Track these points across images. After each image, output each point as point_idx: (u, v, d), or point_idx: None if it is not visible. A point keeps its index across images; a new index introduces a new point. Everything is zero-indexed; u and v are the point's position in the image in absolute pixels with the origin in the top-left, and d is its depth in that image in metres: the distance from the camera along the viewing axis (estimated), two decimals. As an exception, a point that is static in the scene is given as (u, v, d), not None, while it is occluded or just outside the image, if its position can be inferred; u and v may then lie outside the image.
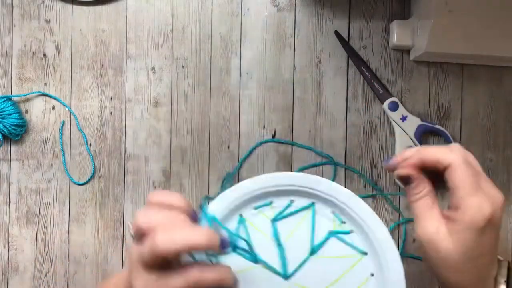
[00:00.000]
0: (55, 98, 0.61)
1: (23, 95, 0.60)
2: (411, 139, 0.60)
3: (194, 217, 0.39)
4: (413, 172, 0.42)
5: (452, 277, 0.42)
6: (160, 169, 0.61)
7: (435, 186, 0.43)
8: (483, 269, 0.42)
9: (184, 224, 0.37)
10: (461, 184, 0.41)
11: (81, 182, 0.61)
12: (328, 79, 0.61)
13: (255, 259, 0.43)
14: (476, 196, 0.41)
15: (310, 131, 0.61)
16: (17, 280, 0.61)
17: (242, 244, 0.43)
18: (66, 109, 0.61)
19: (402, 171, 0.42)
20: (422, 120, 0.60)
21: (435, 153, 0.41)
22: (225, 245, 0.38)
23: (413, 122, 0.60)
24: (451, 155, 0.41)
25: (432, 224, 0.41)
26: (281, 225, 0.45)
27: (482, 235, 0.40)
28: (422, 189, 0.42)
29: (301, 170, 0.61)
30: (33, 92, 0.60)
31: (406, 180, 0.43)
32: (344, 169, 0.61)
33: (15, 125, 0.58)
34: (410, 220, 0.62)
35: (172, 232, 0.36)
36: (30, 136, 0.60)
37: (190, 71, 0.61)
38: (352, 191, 0.61)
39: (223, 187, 0.47)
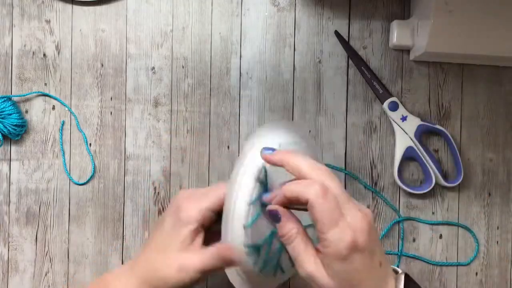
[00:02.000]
0: (55, 98, 0.61)
1: (23, 95, 0.60)
2: (411, 139, 0.60)
3: None
4: (280, 209, 0.43)
5: None
6: (160, 169, 0.61)
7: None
8: None
9: None
10: (319, 219, 0.41)
11: (81, 182, 0.61)
12: (328, 79, 0.61)
13: None
14: (335, 228, 0.40)
15: (310, 131, 0.61)
16: (17, 280, 0.61)
17: None
18: (66, 109, 0.61)
19: (271, 207, 0.44)
20: (422, 120, 0.60)
21: (294, 189, 0.42)
22: None
23: (413, 122, 0.60)
24: (308, 191, 0.41)
25: (309, 263, 0.42)
26: None
27: (350, 263, 0.41)
28: (292, 228, 0.43)
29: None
30: (33, 92, 0.60)
31: (275, 218, 0.43)
32: (344, 169, 0.61)
33: (15, 125, 0.58)
34: (409, 219, 0.62)
35: None
36: (30, 136, 0.60)
37: (190, 71, 0.61)
38: (352, 192, 0.61)
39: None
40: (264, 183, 0.47)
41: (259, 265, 0.47)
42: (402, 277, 0.44)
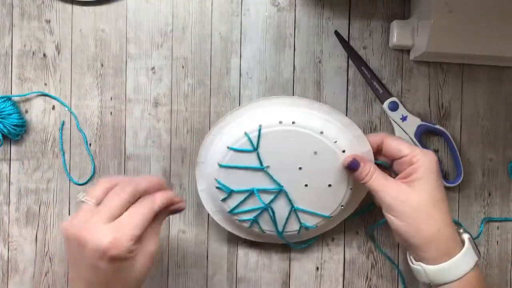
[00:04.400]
0: (55, 98, 0.61)
1: (23, 95, 0.60)
2: (411, 139, 0.60)
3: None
4: (356, 156, 0.50)
5: (425, 228, 0.47)
6: (160, 169, 0.61)
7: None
8: (446, 215, 0.49)
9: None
10: (401, 145, 0.50)
11: (81, 182, 0.61)
12: (328, 79, 0.61)
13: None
14: (421, 150, 0.49)
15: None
16: (17, 280, 0.61)
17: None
18: (66, 109, 0.61)
19: (348, 158, 0.51)
20: (422, 120, 0.60)
21: (399, 143, 0.51)
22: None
23: (413, 122, 0.60)
24: (377, 135, 0.53)
25: (394, 187, 0.48)
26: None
27: (437, 179, 0.48)
28: (370, 166, 0.50)
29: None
30: (33, 92, 0.60)
31: (353, 167, 0.50)
32: (344, 169, 0.61)
33: (15, 125, 0.58)
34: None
35: None
36: (30, 136, 0.60)
37: (190, 71, 0.61)
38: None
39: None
40: (253, 142, 0.51)
41: (230, 206, 0.54)
42: (467, 235, 0.51)
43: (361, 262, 0.62)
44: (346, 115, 0.62)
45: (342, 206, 0.55)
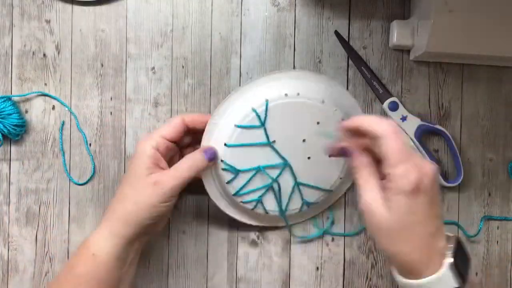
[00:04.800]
0: (55, 98, 0.61)
1: (23, 95, 0.60)
2: (411, 139, 0.60)
3: None
4: (351, 147, 0.47)
5: (391, 247, 0.44)
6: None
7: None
8: (422, 239, 0.44)
9: None
10: (389, 153, 0.43)
11: (81, 182, 0.61)
12: (328, 79, 0.61)
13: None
14: (404, 163, 0.43)
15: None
16: (17, 280, 0.61)
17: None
18: (66, 109, 0.61)
19: (341, 144, 0.48)
20: (422, 120, 0.60)
21: (368, 121, 0.45)
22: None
23: (413, 122, 0.60)
24: (382, 126, 0.44)
25: (371, 192, 0.45)
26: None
27: (411, 201, 0.43)
28: (363, 160, 0.46)
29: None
30: (33, 92, 0.60)
31: (346, 153, 0.48)
32: (344, 169, 0.61)
33: (15, 125, 0.58)
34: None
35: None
36: (30, 136, 0.60)
37: (190, 71, 0.61)
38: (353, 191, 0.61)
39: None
40: (260, 118, 0.51)
41: (235, 188, 0.54)
42: (454, 239, 0.46)
43: (361, 262, 0.62)
44: (346, 115, 0.62)
45: (340, 178, 0.56)
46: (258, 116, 0.51)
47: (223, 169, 0.53)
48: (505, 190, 0.63)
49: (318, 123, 0.53)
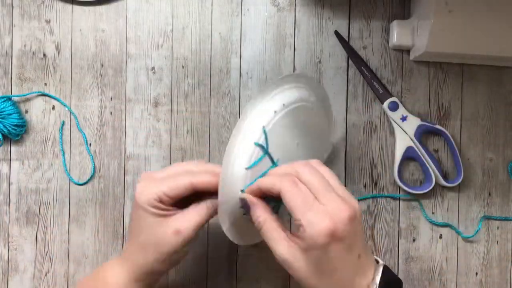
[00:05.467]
0: (55, 98, 0.61)
1: (23, 95, 0.60)
2: (411, 139, 0.60)
3: None
4: (249, 197, 0.46)
5: (321, 279, 0.42)
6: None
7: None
8: (343, 284, 0.42)
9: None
10: (292, 206, 0.42)
11: (81, 182, 0.61)
12: (328, 79, 0.61)
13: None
14: (309, 212, 0.41)
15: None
16: (17, 280, 0.61)
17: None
18: (66, 109, 0.61)
19: (241, 195, 0.46)
20: (422, 120, 0.60)
21: (267, 182, 0.45)
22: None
23: (413, 122, 0.60)
24: (280, 182, 0.43)
25: (282, 246, 0.43)
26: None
27: (327, 251, 0.41)
28: (259, 215, 0.45)
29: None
30: (33, 92, 0.60)
31: (247, 207, 0.46)
32: (344, 169, 0.61)
33: (15, 125, 0.58)
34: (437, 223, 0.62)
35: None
36: (30, 136, 0.60)
37: (190, 71, 0.61)
38: (353, 191, 0.61)
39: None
40: (264, 147, 0.49)
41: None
42: (381, 268, 0.44)
43: (361, 262, 0.62)
44: (346, 115, 0.62)
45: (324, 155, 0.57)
46: (262, 147, 0.49)
47: (245, 214, 0.49)
48: (505, 190, 0.63)
49: (303, 121, 0.52)
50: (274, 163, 0.50)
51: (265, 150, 0.49)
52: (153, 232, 0.47)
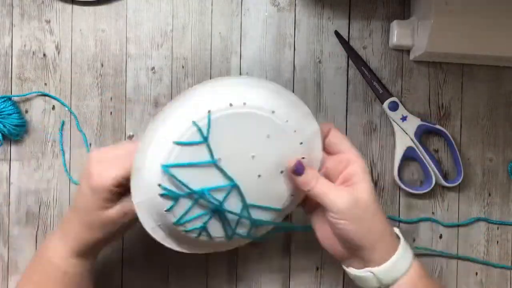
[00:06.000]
0: (55, 98, 0.61)
1: (23, 95, 0.60)
2: (411, 139, 0.60)
3: None
4: (302, 161, 0.46)
5: (373, 227, 0.46)
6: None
7: None
8: (383, 211, 0.48)
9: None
10: (346, 142, 0.48)
11: (81, 182, 0.61)
12: (328, 79, 0.61)
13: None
14: (356, 151, 0.48)
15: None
16: (17, 280, 0.60)
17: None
18: (66, 109, 0.61)
19: (291, 161, 0.46)
20: (422, 120, 0.60)
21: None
22: None
23: (413, 122, 0.60)
24: (327, 124, 0.49)
25: (342, 192, 0.46)
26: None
27: (371, 180, 0.48)
28: (314, 173, 0.47)
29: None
30: (33, 92, 0.60)
31: (297, 171, 0.46)
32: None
33: (15, 125, 0.58)
34: (409, 222, 0.62)
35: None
36: (30, 136, 0.60)
37: (190, 71, 0.61)
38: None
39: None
40: (202, 132, 0.43)
41: (176, 216, 0.45)
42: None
43: (361, 262, 0.62)
44: (346, 115, 0.62)
45: (292, 195, 0.49)
46: (200, 131, 0.43)
47: (161, 195, 0.44)
48: (505, 190, 0.63)
49: (268, 136, 0.45)
50: (213, 160, 0.44)
51: (203, 135, 0.43)
52: (101, 214, 0.46)
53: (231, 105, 0.44)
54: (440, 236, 0.62)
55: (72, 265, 0.49)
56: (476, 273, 0.62)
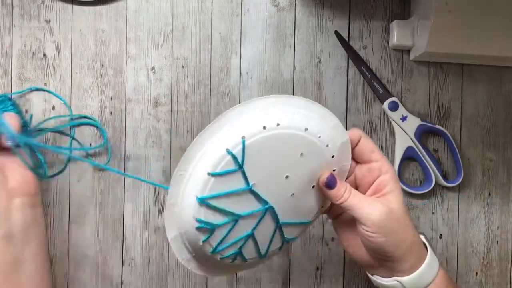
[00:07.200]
0: (55, 95, 0.60)
1: (22, 91, 0.60)
2: (411, 139, 0.60)
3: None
4: (335, 174, 0.46)
5: (405, 238, 0.46)
6: (160, 169, 0.61)
7: None
8: (413, 228, 0.47)
9: None
10: (378, 150, 0.47)
11: (81, 182, 0.61)
12: (328, 79, 0.61)
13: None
14: (386, 159, 0.48)
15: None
16: (17, 280, 0.60)
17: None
18: (66, 109, 0.61)
19: (324, 175, 0.46)
20: (422, 120, 0.60)
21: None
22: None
23: (413, 122, 0.60)
24: (357, 131, 0.48)
25: (375, 204, 0.45)
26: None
27: (400, 185, 0.47)
28: (346, 185, 0.46)
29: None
30: (32, 88, 0.60)
31: (330, 184, 0.46)
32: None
33: (15, 125, 0.58)
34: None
35: None
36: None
37: (190, 71, 0.61)
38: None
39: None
40: (237, 159, 0.42)
41: (212, 245, 0.44)
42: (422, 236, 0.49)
43: (361, 262, 0.62)
44: (346, 115, 0.62)
45: (322, 206, 0.49)
46: (235, 158, 0.42)
47: (197, 228, 0.43)
48: (505, 190, 0.63)
49: (301, 154, 0.44)
50: (248, 185, 0.43)
51: (238, 163, 0.42)
52: None
53: (264, 128, 0.43)
54: (440, 236, 0.62)
55: None
56: (476, 273, 0.62)
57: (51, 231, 0.61)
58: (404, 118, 0.61)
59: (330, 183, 0.45)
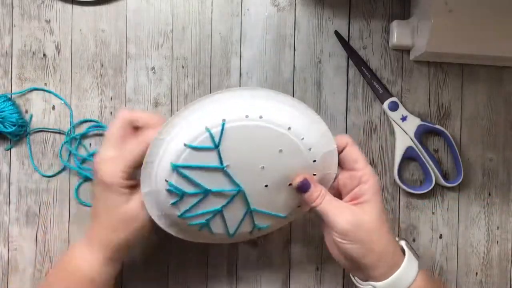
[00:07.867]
0: (55, 95, 0.60)
1: (22, 92, 0.60)
2: (411, 139, 0.60)
3: None
4: (308, 177, 0.47)
5: (376, 247, 0.46)
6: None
7: None
8: (390, 230, 0.48)
9: None
10: (363, 159, 0.48)
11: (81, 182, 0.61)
12: (328, 79, 0.61)
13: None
14: (371, 170, 0.48)
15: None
16: (17, 280, 0.60)
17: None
18: (66, 109, 0.61)
19: (298, 178, 0.47)
20: (422, 120, 0.60)
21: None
22: None
23: (413, 122, 0.60)
24: (345, 137, 0.49)
25: (347, 211, 0.46)
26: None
27: (381, 200, 0.48)
28: (320, 191, 0.47)
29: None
30: (32, 88, 0.60)
31: (303, 188, 0.47)
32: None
33: (15, 125, 0.58)
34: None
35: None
36: (30, 136, 0.60)
37: (190, 71, 0.61)
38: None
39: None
40: (214, 139, 0.45)
41: (180, 210, 0.48)
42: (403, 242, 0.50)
43: (361, 262, 0.62)
44: (346, 115, 0.62)
45: (299, 206, 0.51)
46: (212, 137, 0.44)
47: (168, 190, 0.47)
48: (505, 190, 0.63)
49: (280, 151, 0.46)
50: (221, 165, 0.45)
51: (214, 142, 0.44)
52: (122, 211, 0.48)
53: (247, 116, 0.45)
54: (440, 236, 0.62)
55: (99, 273, 0.49)
56: (476, 273, 0.62)
57: (51, 231, 0.61)
58: (404, 118, 0.61)
59: (303, 187, 0.47)
